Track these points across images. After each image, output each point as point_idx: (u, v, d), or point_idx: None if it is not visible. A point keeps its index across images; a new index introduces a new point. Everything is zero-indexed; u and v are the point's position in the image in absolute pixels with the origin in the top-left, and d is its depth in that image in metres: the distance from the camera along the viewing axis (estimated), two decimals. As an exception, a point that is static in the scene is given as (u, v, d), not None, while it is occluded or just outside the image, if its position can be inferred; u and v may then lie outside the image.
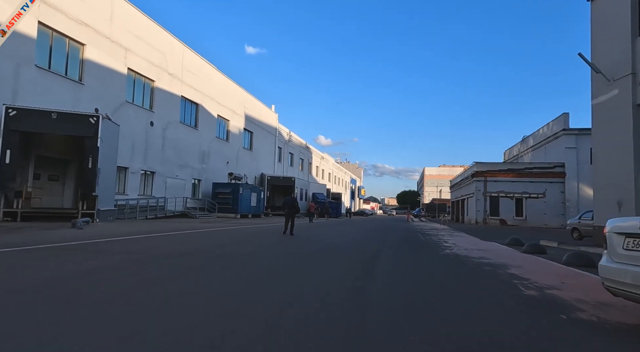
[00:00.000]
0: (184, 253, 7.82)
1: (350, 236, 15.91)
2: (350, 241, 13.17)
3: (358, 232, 19.17)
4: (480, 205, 33.41)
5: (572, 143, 31.78)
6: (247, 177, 38.47)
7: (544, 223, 32.07)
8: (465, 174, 38.01)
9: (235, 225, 20.20)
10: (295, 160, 54.08)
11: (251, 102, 39.75)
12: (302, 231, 17.67)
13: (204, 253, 7.96)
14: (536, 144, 37.63)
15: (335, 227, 23.37)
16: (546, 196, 32.30)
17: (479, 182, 33.68)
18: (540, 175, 32.52)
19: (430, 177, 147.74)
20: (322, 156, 67.67)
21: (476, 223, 33.43)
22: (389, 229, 23.10)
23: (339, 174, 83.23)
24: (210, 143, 31.76)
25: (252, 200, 32.55)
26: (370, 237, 15.82)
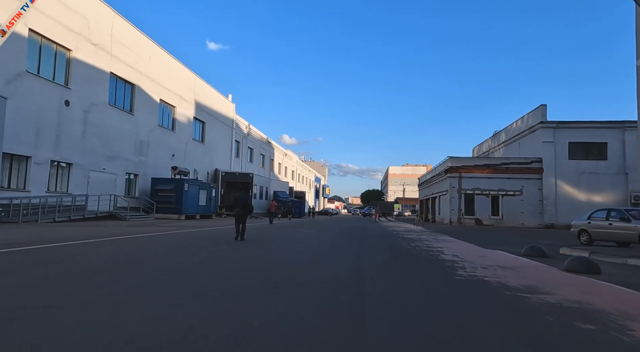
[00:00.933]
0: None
1: (316, 243, 12.05)
2: (315, 253, 9.30)
3: (325, 236, 15.38)
4: (455, 203, 30.68)
5: (550, 137, 29.70)
6: (198, 173, 33.74)
7: (520, 222, 29.80)
8: (438, 170, 35.35)
9: (172, 229, 15.79)
10: (255, 155, 49.61)
11: (203, 89, 34.97)
12: (258, 236, 13.84)
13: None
14: (509, 139, 35.55)
15: (297, 229, 19.49)
16: (523, 194, 30.07)
17: (453, 179, 30.95)
18: (517, 171, 30.23)
19: (394, 176, 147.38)
20: (285, 153, 63.49)
21: (450, 223, 30.66)
22: (360, 231, 19.50)
23: (303, 172, 79.39)
24: (150, 132, 26.83)
25: (200, 199, 27.94)
26: (341, 244, 12.03)
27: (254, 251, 9.36)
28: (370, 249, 10.86)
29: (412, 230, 22.17)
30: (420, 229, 24.12)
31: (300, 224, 27.98)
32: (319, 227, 22.82)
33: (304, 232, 17.33)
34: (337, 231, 19.78)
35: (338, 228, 22.54)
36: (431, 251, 10.50)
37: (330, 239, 14.34)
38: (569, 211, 28.96)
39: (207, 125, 35.86)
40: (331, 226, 25.94)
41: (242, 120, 44.71)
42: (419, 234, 18.17)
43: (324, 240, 13.73)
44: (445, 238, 16.02)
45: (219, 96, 38.70)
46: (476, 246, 12.35)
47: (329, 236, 15.54)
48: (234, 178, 37.12)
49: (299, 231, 18.53)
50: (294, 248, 10.45)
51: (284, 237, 14.39)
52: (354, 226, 26.49)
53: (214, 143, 37.44)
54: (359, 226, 25.73)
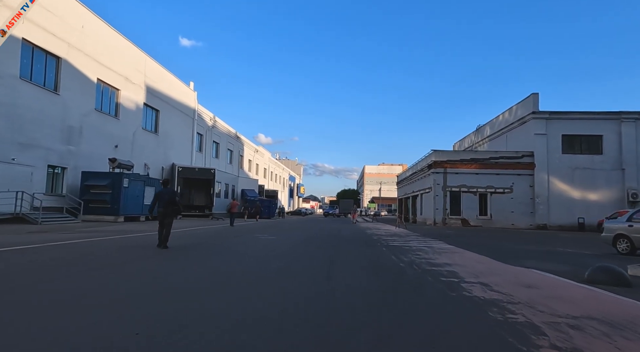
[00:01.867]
0: None
1: (267, 259, 8.12)
2: (257, 283, 5.39)
3: (286, 245, 11.49)
4: (440, 202, 27.42)
5: (542, 128, 26.88)
6: (150, 168, 29.15)
7: (510, 223, 26.86)
8: (420, 165, 32.08)
9: (91, 235, 11.56)
10: (221, 151, 45.11)
11: (156, 72, 30.35)
12: (198, 243, 10.49)
13: None
14: (495, 132, 32.70)
15: (257, 233, 15.53)
16: (513, 191, 27.13)
17: (438, 175, 27.68)
18: (507, 166, 27.28)
19: (370, 175, 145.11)
20: (256, 149, 59.12)
21: (434, 224, 27.38)
22: (333, 236, 15.71)
23: (277, 170, 75.14)
24: (84, 117, 22.14)
25: (146, 197, 23.43)
26: (303, 260, 8.16)
27: (168, 277, 5.41)
28: (346, 269, 7.04)
29: (395, 234, 18.59)
30: (404, 231, 20.61)
31: (265, 226, 23.96)
32: (286, 230, 18.91)
33: (261, 239, 13.39)
34: (306, 235, 15.93)
35: (307, 231, 18.70)
36: (438, 271, 6.79)
37: (291, 249, 10.47)
38: (562, 210, 26.28)
39: (162, 114, 31.24)
40: (301, 228, 22.08)
41: (205, 111, 40.17)
42: (406, 240, 14.55)
43: (283, 252, 9.86)
44: (442, 246, 12.45)
45: (177, 82, 34.08)
46: (492, 260, 8.77)
47: (291, 245, 11.66)
48: (192, 174, 32.64)
49: (256, 236, 14.55)
50: (233, 263, 6.51)
51: (230, 246, 10.47)
52: (326, 228, 22.69)
53: (171, 135, 32.83)
54: (333, 229, 21.97)
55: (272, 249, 10.23)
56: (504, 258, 9.23)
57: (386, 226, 28.61)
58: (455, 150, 30.15)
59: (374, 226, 26.83)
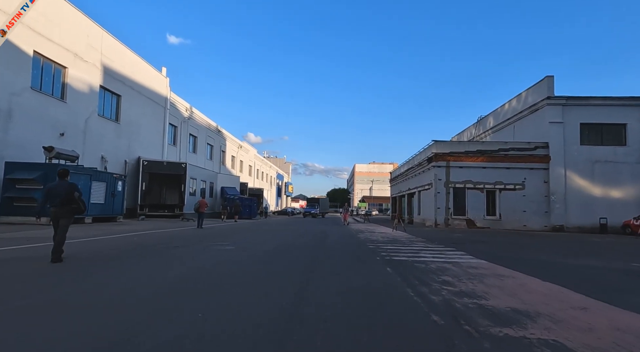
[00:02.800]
0: None
1: (203, 292, 4.18)
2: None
3: (238, 263, 7.58)
4: (442, 200, 23.71)
5: (558, 116, 23.34)
6: (108, 161, 24.94)
7: (522, 224, 23.29)
8: (418, 158, 28.35)
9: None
10: (200, 145, 40.91)
11: (116, 51, 26.11)
12: (128, 255, 6.07)
13: None
14: (500, 123, 29.15)
15: (217, 241, 11.58)
16: (525, 187, 23.56)
17: (440, 169, 23.97)
18: (518, 159, 23.68)
19: (360, 174, 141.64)
20: (240, 144, 54.95)
21: (435, 225, 23.67)
22: (315, 244, 11.82)
23: (264, 167, 71.01)
24: (14, 96, 17.93)
25: (94, 194, 19.26)
26: (259, 294, 4.22)
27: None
28: (320, 335, 3.17)
29: (395, 238, 14.77)
30: (403, 235, 16.84)
31: (238, 228, 19.96)
32: (258, 235, 14.96)
33: (212, 250, 9.44)
34: (278, 242, 12.01)
35: (284, 236, 14.79)
36: (521, 341, 2.99)
37: (237, 274, 6.57)
38: (581, 209, 22.80)
39: (125, 100, 27.02)
40: (279, 231, 18.16)
41: (179, 100, 35.97)
42: (413, 249, 10.71)
43: (218, 282, 5.94)
44: (468, 260, 8.67)
45: (144, 65, 29.85)
46: (595, 301, 4.99)
47: (247, 263, 7.74)
48: (160, 169, 28.46)
49: (211, 245, 10.57)
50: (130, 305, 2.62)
51: (146, 266, 6.52)
52: (310, 232, 18.82)
53: (137, 124, 28.63)
54: (318, 233, 18.10)
55: (204, 276, 6.32)
56: (595, 289, 5.46)
57: (381, 227, 24.84)
58: (459, 141, 26.55)
59: (367, 228, 23.02)
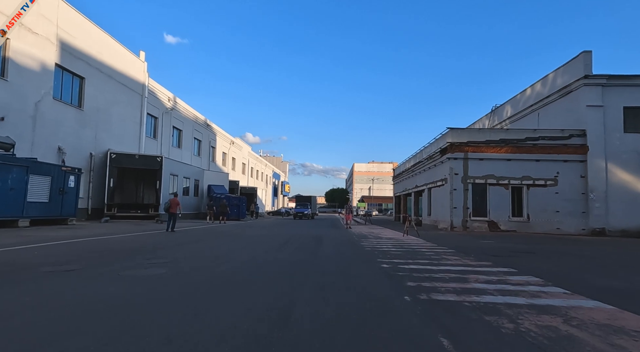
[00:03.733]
0: None
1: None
2: None
3: (164, 299, 3.69)
4: (459, 198, 19.84)
5: (597, 99, 19.52)
6: (66, 153, 21.01)
7: (555, 227, 19.44)
8: (428, 151, 24.43)
9: None
10: (185, 139, 36.98)
11: (80, 26, 22.19)
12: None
13: None
14: (520, 111, 25.28)
15: (168, 253, 7.75)
16: (558, 183, 19.71)
17: (456, 161, 20.11)
18: (549, 149, 19.84)
19: (359, 173, 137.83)
20: (231, 140, 51.02)
21: (451, 228, 19.80)
22: (303, 263, 7.91)
23: (258, 166, 67.09)
24: None
25: (31, 191, 15.32)
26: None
27: None
28: None
29: (412, 248, 10.88)
30: (419, 242, 12.98)
31: (216, 232, 16.03)
32: (232, 243, 11.05)
33: (133, 277, 5.54)
34: (250, 256, 8.14)
35: (265, 245, 10.88)
36: None
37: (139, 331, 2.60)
38: (626, 209, 18.99)
39: (90, 83, 23.09)
40: (262, 236, 14.25)
41: (161, 89, 32.04)
42: (446, 268, 6.82)
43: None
44: (557, 298, 4.80)
45: (117, 46, 25.91)
46: None
47: (172, 305, 3.83)
48: (131, 163, 24.49)
49: (137, 270, 6.67)
50: None
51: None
52: (299, 238, 14.97)
53: (106, 113, 24.71)
54: (309, 239, 14.24)
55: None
56: None
57: (386, 230, 20.95)
58: (479, 129, 22.67)
59: (371, 232, 19.14)
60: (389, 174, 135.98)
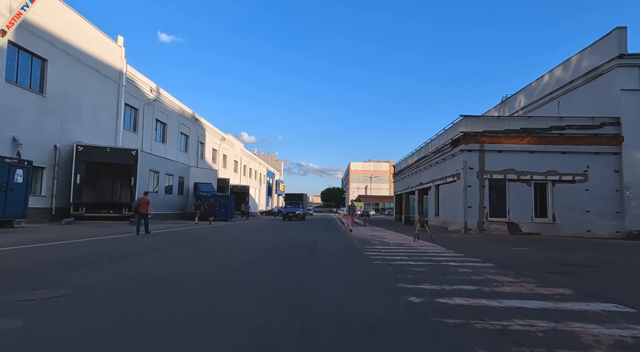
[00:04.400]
0: None
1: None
2: None
3: None
4: (474, 196, 17.16)
5: (633, 82, 16.93)
6: (22, 144, 18.11)
7: (585, 229, 16.83)
8: (437, 143, 21.68)
9: None
10: (170, 134, 34.05)
11: (42, 1, 19.26)
12: None
13: None
14: (537, 100, 22.66)
15: (104, 271, 4.99)
16: (589, 179, 17.11)
17: (471, 154, 17.43)
18: (577, 140, 17.23)
19: (355, 172, 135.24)
20: (222, 136, 48.11)
21: (465, 230, 17.12)
22: (283, 297, 5.18)
23: (252, 164, 64.21)
24: None
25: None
26: None
27: None
28: None
29: (433, 260, 8.15)
30: (436, 249, 10.27)
31: (194, 235, 13.19)
32: (198, 254, 8.27)
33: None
34: (207, 278, 5.37)
35: (244, 254, 8.12)
36: None
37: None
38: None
39: (54, 66, 20.18)
40: (244, 241, 11.48)
41: (141, 78, 29.12)
42: (500, 297, 4.09)
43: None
44: None
45: (88, 27, 22.98)
46: None
47: None
48: (101, 156, 21.56)
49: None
50: None
51: None
52: (288, 244, 12.24)
53: (75, 101, 21.81)
54: (300, 246, 11.51)
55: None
56: None
57: (389, 232, 18.25)
58: (497, 117, 19.86)
59: (374, 235, 16.42)
60: (385, 173, 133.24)
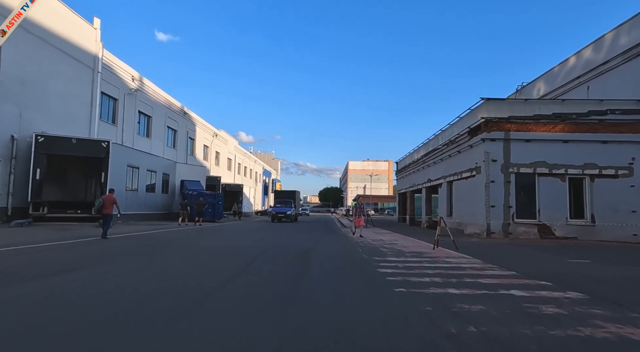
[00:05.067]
0: None
1: None
2: None
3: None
4: (498, 193, 14.44)
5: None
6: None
7: (630, 233, 14.13)
8: (450, 133, 18.87)
9: None
10: (156, 128, 31.25)
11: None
12: None
13: None
14: (561, 86, 19.97)
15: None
16: (634, 174, 14.43)
17: (494, 144, 14.71)
18: (621, 127, 14.56)
19: (354, 171, 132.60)
20: (215, 132, 45.31)
21: (487, 234, 14.39)
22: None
23: (247, 162, 61.41)
24: None
25: None
26: None
27: None
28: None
29: (472, 275, 5.42)
30: (470, 262, 7.55)
31: (166, 240, 10.36)
32: (139, 272, 5.53)
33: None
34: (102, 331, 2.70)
35: (209, 270, 5.39)
36: None
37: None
38: None
39: (12, 45, 17.34)
40: (217, 251, 8.72)
41: (121, 65, 26.30)
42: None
43: None
44: None
45: (54, 3, 20.17)
46: None
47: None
48: (66, 148, 18.71)
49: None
50: None
51: None
52: (276, 251, 9.45)
53: (38, 86, 19.01)
54: (292, 254, 8.74)
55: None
56: None
57: (396, 236, 15.49)
58: (525, 99, 16.99)
59: (380, 240, 13.66)
60: (384, 172, 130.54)
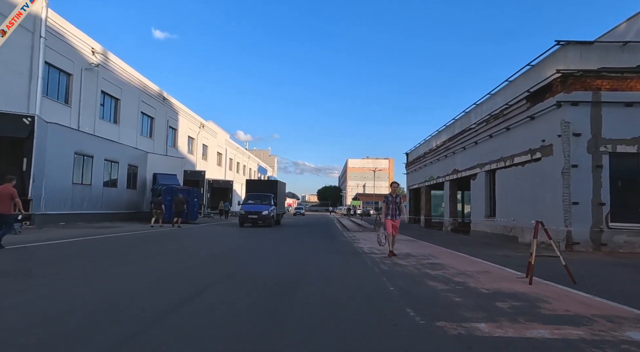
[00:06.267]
0: None
1: None
2: None
3: None
4: (583, 184, 9.56)
5: None
6: None
7: None
8: (493, 105, 13.76)
9: None
10: (125, 113, 26.12)
11: None
12: None
13: None
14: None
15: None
16: None
17: (577, 110, 9.81)
18: None
19: (353, 170, 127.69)
20: (202, 123, 40.25)
21: (567, 245, 9.50)
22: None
23: (240, 157, 56.35)
24: None
25: None
26: None
27: None
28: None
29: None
30: (629, 323, 2.72)
31: (78, 256, 5.48)
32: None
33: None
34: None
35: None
36: None
37: None
38: None
39: None
40: (145, 275, 3.93)
41: (76, 33, 21.20)
42: None
43: None
44: None
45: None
46: None
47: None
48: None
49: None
50: None
51: None
52: (238, 281, 4.28)
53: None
54: (263, 294, 3.59)
55: None
56: None
57: (427, 246, 10.59)
58: (625, 42, 12.01)
59: (408, 255, 8.73)
60: (385, 170, 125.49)
